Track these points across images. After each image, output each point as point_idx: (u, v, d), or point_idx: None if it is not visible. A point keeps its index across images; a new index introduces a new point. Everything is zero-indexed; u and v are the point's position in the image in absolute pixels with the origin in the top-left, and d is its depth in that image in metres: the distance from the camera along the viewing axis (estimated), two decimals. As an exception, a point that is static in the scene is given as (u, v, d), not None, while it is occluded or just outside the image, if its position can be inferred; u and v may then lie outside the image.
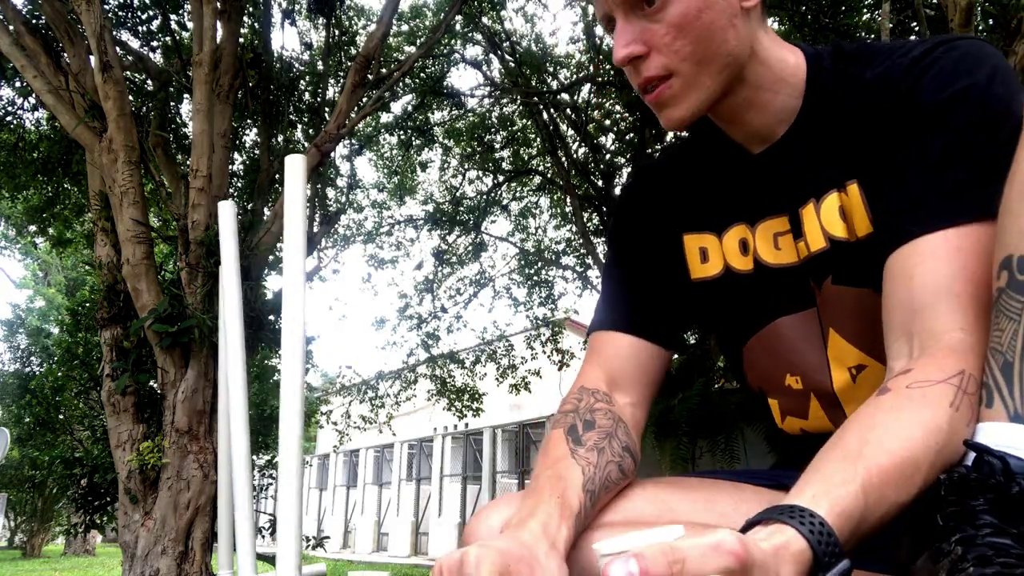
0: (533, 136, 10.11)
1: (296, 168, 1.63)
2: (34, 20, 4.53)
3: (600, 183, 9.43)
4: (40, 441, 9.02)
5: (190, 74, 4.53)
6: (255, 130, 6.43)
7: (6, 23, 4.17)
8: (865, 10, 6.95)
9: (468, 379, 11.51)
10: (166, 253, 5.83)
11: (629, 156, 9.20)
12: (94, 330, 5.64)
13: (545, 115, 9.04)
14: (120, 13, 5.70)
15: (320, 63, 6.59)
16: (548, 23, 34.79)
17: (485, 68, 9.50)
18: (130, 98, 4.27)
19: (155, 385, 4.06)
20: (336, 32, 6.71)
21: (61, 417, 9.03)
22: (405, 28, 9.00)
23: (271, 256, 4.70)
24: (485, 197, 10.64)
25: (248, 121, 6.22)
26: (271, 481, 7.66)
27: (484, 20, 8.70)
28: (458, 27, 8.51)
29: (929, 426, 0.59)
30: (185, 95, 5.67)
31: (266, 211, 5.02)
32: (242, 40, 5.07)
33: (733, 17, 0.75)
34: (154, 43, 5.90)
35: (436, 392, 11.63)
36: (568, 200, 9.53)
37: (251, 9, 5.88)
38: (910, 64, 0.74)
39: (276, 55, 5.83)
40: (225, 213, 2.02)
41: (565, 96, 9.37)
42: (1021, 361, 0.58)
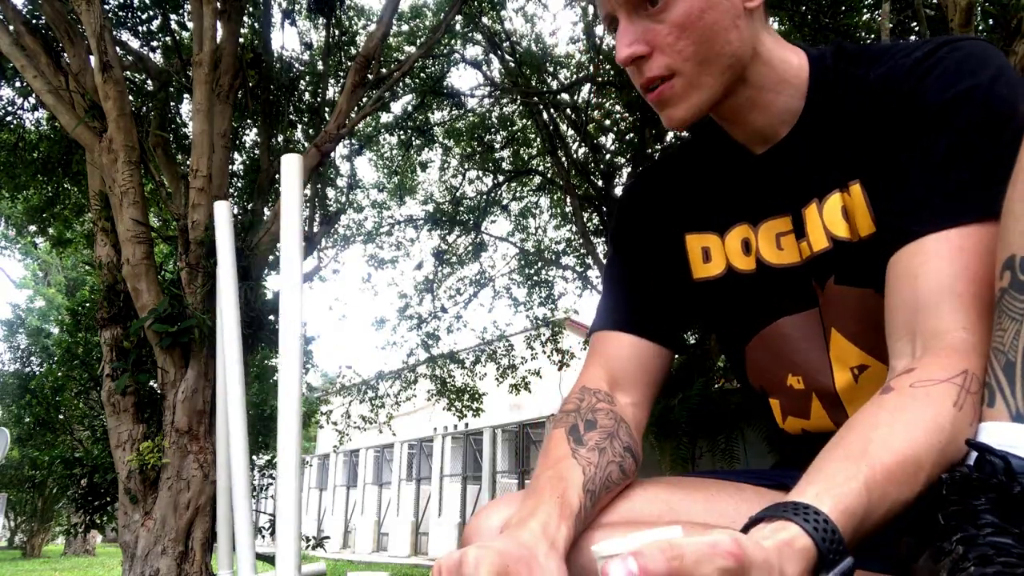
0: (533, 136, 10.10)
1: (292, 168, 1.64)
2: (34, 20, 4.53)
3: (600, 183, 9.43)
4: (40, 441, 9.03)
5: (190, 74, 4.53)
6: (255, 130, 6.43)
7: (6, 23, 4.17)
8: (865, 10, 6.95)
9: (468, 379, 11.51)
10: (166, 253, 5.83)
11: (629, 156, 9.20)
12: (94, 330, 5.64)
13: (545, 115, 9.04)
14: (120, 13, 5.70)
15: (320, 63, 6.59)
16: (548, 23, 34.81)
17: (485, 68, 9.51)
18: (130, 98, 4.27)
19: (155, 385, 4.06)
20: (336, 32, 6.71)
21: (61, 417, 9.04)
22: (405, 28, 9.00)
23: (271, 256, 4.70)
24: (485, 197, 10.64)
25: (248, 121, 6.22)
26: (271, 481, 7.66)
27: (484, 20, 8.70)
28: (458, 27, 8.51)
29: (932, 425, 0.59)
30: (185, 95, 5.68)
31: (266, 211, 5.02)
32: (242, 40, 5.07)
33: (736, 18, 0.75)
34: (154, 43, 5.90)
35: (436, 392, 11.63)
36: (568, 200, 9.53)
37: (251, 9, 5.88)
38: (913, 64, 0.74)
39: (276, 55, 5.83)
40: (221, 213, 2.02)
41: (565, 96, 9.37)
42: (1023, 361, 0.58)
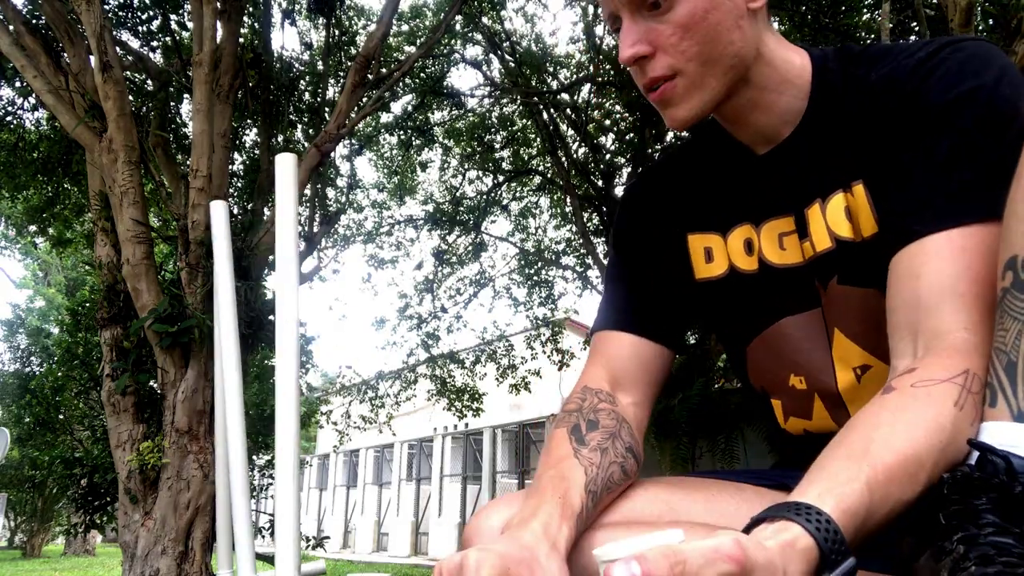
0: (533, 136, 10.10)
1: (287, 167, 1.63)
2: (34, 20, 4.53)
3: (600, 183, 9.43)
4: (40, 441, 9.03)
5: (190, 74, 4.53)
6: (255, 130, 6.43)
7: (6, 23, 4.17)
8: (865, 10, 6.95)
9: (468, 379, 11.51)
10: (166, 253, 5.83)
11: (629, 156, 9.20)
12: (94, 330, 5.64)
13: (545, 115, 9.04)
14: (120, 13, 5.70)
15: (320, 63, 6.59)
16: (548, 23, 34.83)
17: (485, 68, 9.51)
18: (130, 98, 4.27)
19: (155, 385, 4.06)
20: (336, 32, 6.71)
21: (61, 417, 9.04)
22: (405, 28, 9.00)
23: (271, 256, 4.69)
24: (485, 197, 10.64)
25: (248, 121, 6.22)
26: (272, 481, 7.66)
27: (484, 20, 8.69)
28: (458, 27, 8.51)
29: (933, 425, 0.59)
30: (185, 95, 5.67)
31: (266, 211, 5.02)
32: (242, 40, 5.07)
33: (739, 18, 0.75)
34: (154, 43, 5.90)
35: (436, 392, 11.63)
36: (568, 200, 9.53)
37: (251, 9, 5.88)
38: (916, 65, 0.74)
39: (276, 55, 5.83)
40: (217, 213, 2.01)
41: (565, 96, 9.37)
42: (1024, 361, 0.58)
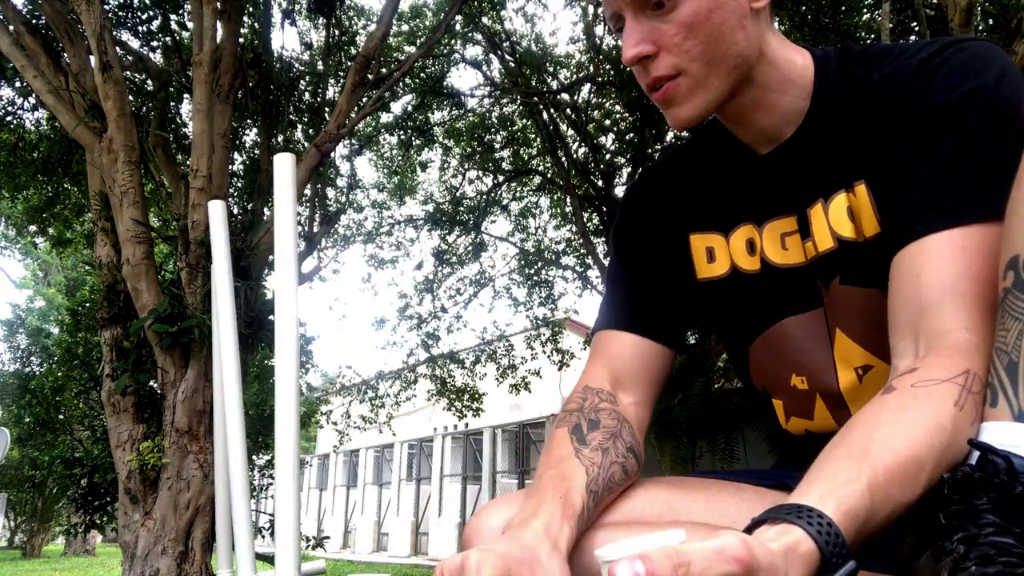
0: (533, 136, 10.10)
1: (285, 166, 1.63)
2: (34, 20, 4.53)
3: (600, 183, 9.43)
4: (40, 441, 9.03)
5: (190, 74, 4.53)
6: (255, 130, 6.43)
7: (6, 23, 4.17)
8: (865, 10, 6.95)
9: (468, 379, 11.51)
10: (166, 253, 5.83)
11: (629, 156, 9.20)
12: (94, 330, 5.64)
13: (545, 115, 9.04)
14: (120, 13, 5.70)
15: (320, 63, 6.59)
16: (548, 23, 34.83)
17: (485, 68, 9.51)
18: (130, 98, 4.27)
19: (155, 385, 4.06)
20: (336, 32, 6.71)
21: (61, 417, 9.04)
22: (405, 28, 9.00)
23: (271, 256, 4.69)
24: (485, 197, 10.64)
25: (248, 121, 6.22)
26: (272, 481, 7.66)
27: (484, 20, 8.69)
28: (458, 27, 8.51)
29: (933, 425, 0.59)
30: (185, 95, 5.67)
31: (266, 211, 5.02)
32: (242, 40, 5.07)
33: (743, 18, 0.75)
34: (154, 43, 5.90)
35: (436, 392, 11.63)
36: (568, 200, 9.53)
37: (251, 9, 5.88)
38: (918, 65, 0.74)
39: (276, 55, 5.83)
40: (215, 213, 2.01)
41: (565, 96, 9.37)
42: (1026, 361, 0.58)
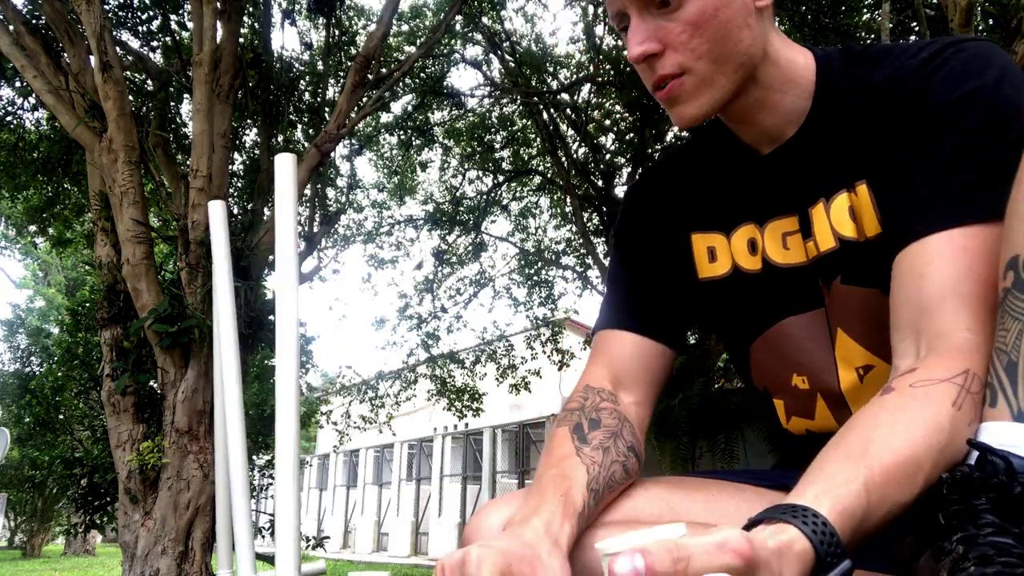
0: (533, 136, 10.10)
1: (286, 167, 1.63)
2: (34, 20, 4.53)
3: (600, 183, 9.43)
4: (40, 441, 9.03)
5: (190, 74, 4.53)
6: (255, 130, 6.43)
7: (6, 23, 4.17)
8: (865, 10, 6.95)
9: (468, 379, 11.51)
10: (166, 253, 5.83)
11: (629, 156, 9.20)
12: (94, 330, 5.64)
13: (545, 115, 9.04)
14: (120, 13, 5.70)
15: (320, 63, 6.59)
16: (548, 23, 34.82)
17: (485, 68, 9.51)
18: (130, 98, 4.27)
19: (155, 385, 4.06)
20: (336, 32, 6.71)
21: (61, 417, 9.04)
22: (405, 28, 9.01)
23: (271, 256, 4.69)
24: (485, 197, 10.64)
25: (248, 121, 6.22)
26: (271, 481, 7.66)
27: (484, 20, 8.69)
28: (458, 27, 8.51)
29: (931, 425, 0.59)
30: (185, 95, 5.68)
31: (266, 211, 5.02)
32: (242, 40, 5.07)
33: (748, 16, 0.75)
34: (154, 43, 5.90)
35: (436, 392, 11.63)
36: (568, 200, 9.53)
37: (251, 9, 5.88)
38: (919, 66, 0.74)
39: (276, 55, 5.83)
40: (216, 213, 2.01)
41: (565, 96, 9.37)
42: (1025, 361, 0.58)
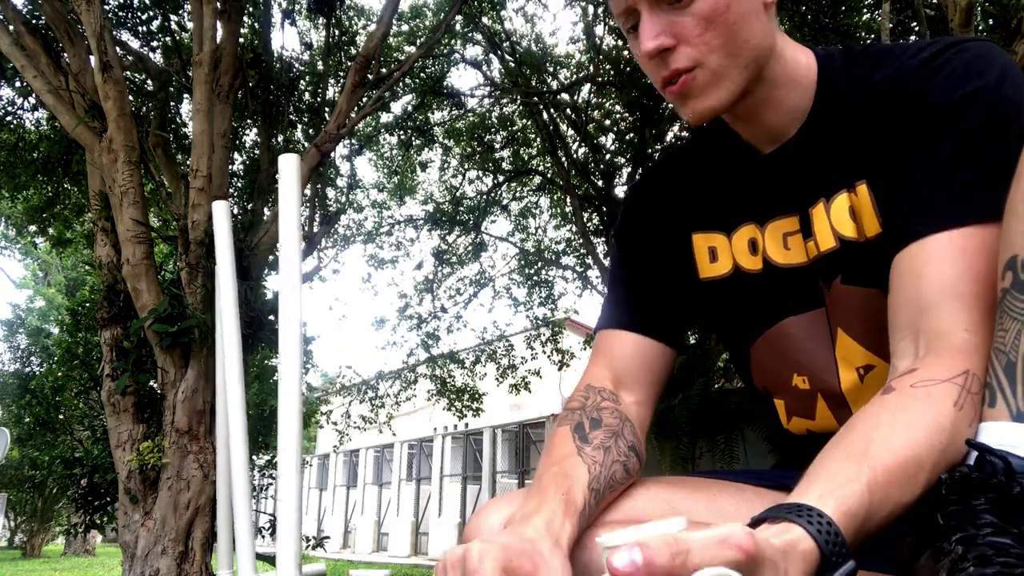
0: (533, 136, 10.10)
1: (290, 167, 1.64)
2: (34, 20, 4.53)
3: (600, 183, 9.43)
4: (40, 441, 9.03)
5: (190, 74, 4.53)
6: (255, 130, 6.43)
7: (6, 23, 4.17)
8: (865, 10, 6.95)
9: (468, 379, 11.50)
10: (166, 253, 5.83)
11: (629, 156, 9.20)
12: (94, 330, 5.64)
13: (545, 115, 9.04)
14: (120, 13, 5.70)
15: (320, 63, 6.59)
16: (548, 23, 34.83)
17: (485, 68, 9.51)
18: (130, 98, 4.27)
19: (155, 385, 4.06)
20: (336, 32, 6.71)
21: (61, 417, 9.04)
22: (405, 28, 9.01)
23: (271, 256, 4.70)
24: (485, 197, 10.65)
25: (248, 121, 6.22)
26: (271, 481, 7.66)
27: (484, 20, 8.70)
28: (458, 27, 8.51)
29: (933, 426, 0.59)
30: (185, 95, 5.68)
31: (266, 211, 5.02)
32: (242, 40, 5.07)
33: (758, 11, 0.75)
34: (154, 43, 5.90)
35: (436, 392, 11.63)
36: (568, 200, 9.53)
37: (251, 9, 5.88)
38: (920, 66, 0.75)
39: (276, 55, 5.83)
40: (220, 213, 2.02)
41: (565, 96, 9.37)
42: (1024, 361, 0.58)
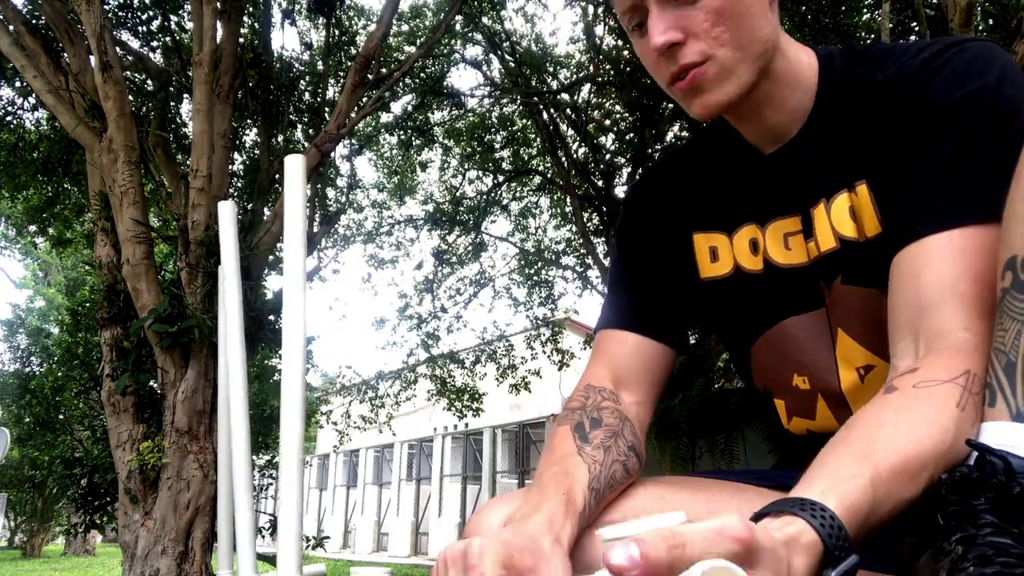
0: (533, 136, 10.11)
1: (296, 168, 1.64)
2: (34, 20, 4.53)
3: (600, 183, 9.43)
4: (40, 441, 9.03)
5: (190, 74, 4.53)
6: (255, 130, 6.43)
7: (6, 23, 4.17)
8: (865, 10, 6.95)
9: (468, 379, 11.51)
10: (166, 253, 5.83)
11: (629, 156, 9.20)
12: (94, 330, 5.64)
13: (545, 115, 9.04)
14: (120, 13, 5.70)
15: (320, 63, 6.59)
16: (548, 23, 34.84)
17: (485, 68, 9.51)
18: (130, 98, 4.27)
19: (155, 385, 4.06)
20: (336, 32, 6.71)
21: (61, 417, 9.04)
22: (405, 28, 9.01)
23: (271, 256, 4.70)
24: (485, 197, 10.65)
25: (248, 121, 6.22)
26: (271, 481, 7.67)
27: (484, 20, 8.70)
28: (458, 27, 8.51)
29: (936, 426, 0.59)
30: (185, 95, 5.68)
31: (266, 211, 5.02)
32: (242, 40, 5.07)
33: (764, 7, 0.76)
34: (154, 43, 5.90)
35: (436, 392, 11.63)
36: (568, 200, 9.53)
37: (251, 9, 5.88)
38: (920, 66, 0.75)
39: (276, 55, 5.83)
40: (225, 213, 2.03)
41: (565, 96, 9.37)
42: None
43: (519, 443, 16.06)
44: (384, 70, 5.93)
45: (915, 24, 6.25)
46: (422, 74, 8.71)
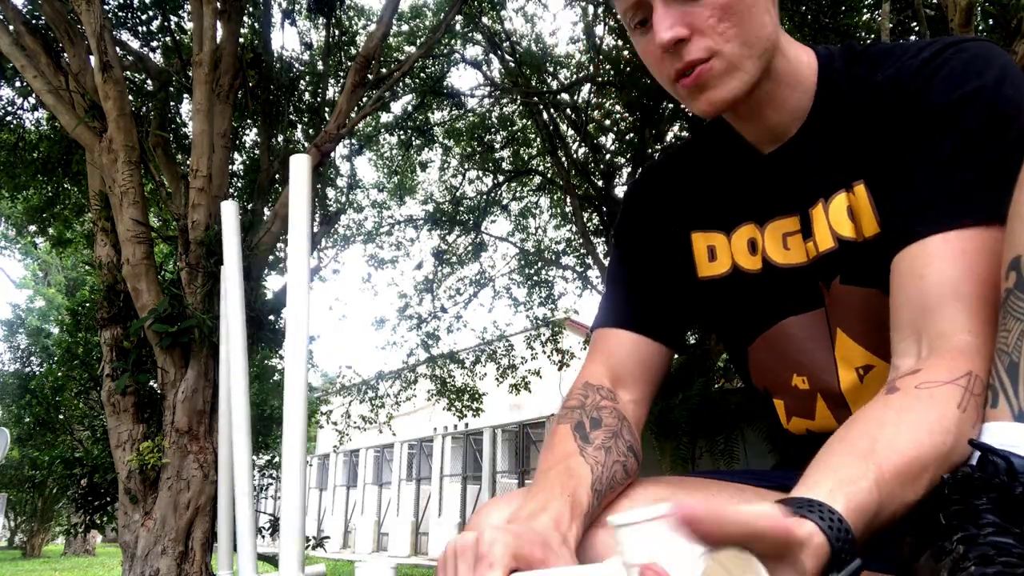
0: (533, 136, 10.10)
1: (301, 168, 1.64)
2: (34, 20, 4.53)
3: (600, 183, 9.43)
4: (40, 441, 9.03)
5: (190, 74, 4.53)
6: (255, 130, 6.43)
7: (6, 23, 4.17)
8: (865, 10, 6.95)
9: (468, 379, 11.50)
10: (166, 253, 5.83)
11: (629, 156, 9.20)
12: (94, 330, 5.64)
13: (545, 115, 9.04)
14: (120, 13, 5.70)
15: (320, 63, 6.59)
16: (548, 23, 34.82)
17: (485, 68, 9.51)
18: (130, 98, 4.27)
19: (155, 385, 4.06)
20: (336, 32, 6.71)
21: (61, 417, 9.04)
22: (405, 28, 9.01)
23: (271, 256, 4.70)
24: (485, 197, 10.65)
25: (248, 121, 6.22)
26: (271, 481, 7.67)
27: (484, 20, 8.69)
28: (458, 27, 8.51)
29: (937, 428, 0.59)
30: (185, 95, 5.67)
31: (266, 211, 5.02)
32: (242, 40, 5.07)
33: (767, 4, 0.76)
34: (154, 43, 5.90)
35: (436, 392, 11.63)
36: (568, 200, 9.53)
37: (251, 9, 5.88)
38: (920, 66, 0.74)
39: (276, 55, 5.83)
40: (227, 213, 2.02)
41: (565, 96, 9.37)
42: (1026, 361, 0.58)
43: (519, 443, 16.05)
44: (384, 70, 5.93)
45: (915, 24, 6.25)
46: (422, 74, 8.71)
